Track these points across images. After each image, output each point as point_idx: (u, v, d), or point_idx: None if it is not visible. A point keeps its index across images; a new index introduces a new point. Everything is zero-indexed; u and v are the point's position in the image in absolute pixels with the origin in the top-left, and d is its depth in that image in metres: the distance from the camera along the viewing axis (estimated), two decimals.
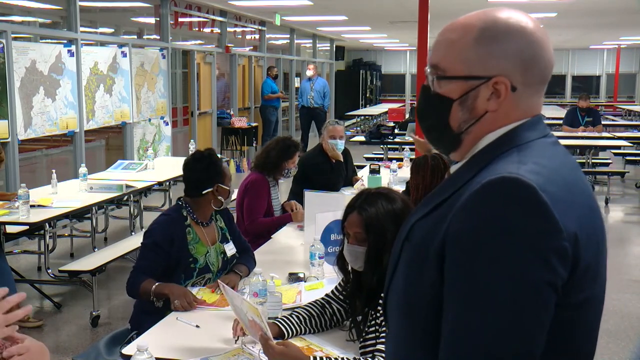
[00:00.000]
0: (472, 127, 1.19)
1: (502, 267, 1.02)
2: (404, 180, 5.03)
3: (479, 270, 1.04)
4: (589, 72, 24.32)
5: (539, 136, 1.17)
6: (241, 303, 2.15)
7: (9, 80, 6.03)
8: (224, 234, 3.22)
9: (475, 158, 1.19)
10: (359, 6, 10.60)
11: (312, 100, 12.81)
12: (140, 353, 1.91)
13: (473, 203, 1.07)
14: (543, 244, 1.03)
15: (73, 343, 4.31)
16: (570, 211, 1.07)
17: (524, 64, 1.16)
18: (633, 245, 7.17)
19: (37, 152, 11.30)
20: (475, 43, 1.16)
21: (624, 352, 4.09)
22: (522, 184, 1.05)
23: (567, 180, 1.11)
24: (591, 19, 12.19)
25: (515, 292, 1.02)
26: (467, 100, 1.18)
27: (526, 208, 1.04)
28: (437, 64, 1.21)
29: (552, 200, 1.04)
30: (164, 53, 9.09)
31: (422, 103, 1.26)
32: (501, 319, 1.02)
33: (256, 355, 2.22)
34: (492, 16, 1.18)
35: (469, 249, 1.05)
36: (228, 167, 3.31)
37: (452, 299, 1.07)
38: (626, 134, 11.66)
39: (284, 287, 2.89)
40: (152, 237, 3.01)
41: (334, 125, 5.40)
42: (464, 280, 1.05)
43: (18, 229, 4.96)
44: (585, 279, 1.09)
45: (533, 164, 1.09)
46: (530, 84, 1.17)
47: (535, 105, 1.20)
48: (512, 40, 1.15)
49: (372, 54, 24.73)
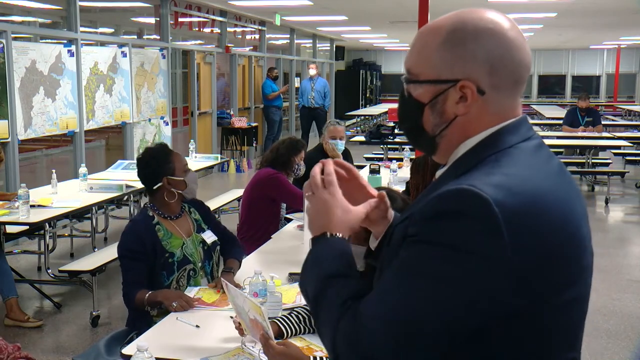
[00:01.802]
0: (445, 131, 1.19)
1: (439, 266, 1.06)
2: (404, 180, 5.03)
3: (419, 262, 1.08)
4: (589, 72, 24.32)
5: (520, 140, 1.16)
6: (243, 302, 2.15)
7: (9, 80, 6.03)
8: (199, 224, 3.21)
9: (455, 164, 1.19)
10: (359, 6, 10.60)
11: (312, 100, 12.81)
12: (140, 353, 1.91)
13: (427, 210, 1.09)
14: (483, 259, 1.04)
15: (73, 343, 4.31)
16: (533, 225, 1.06)
17: (491, 67, 1.14)
18: (633, 245, 7.17)
19: (37, 152, 11.30)
20: (442, 46, 1.16)
21: (624, 352, 4.09)
22: (475, 196, 1.05)
23: (538, 191, 1.10)
24: (591, 19, 12.19)
25: (438, 288, 1.05)
26: (437, 104, 1.18)
27: (474, 221, 1.05)
28: (409, 68, 1.22)
29: (508, 215, 1.04)
30: (164, 53, 9.10)
31: (399, 106, 1.27)
32: (417, 303, 1.06)
33: (256, 355, 2.22)
34: (461, 18, 1.18)
35: (416, 248, 1.09)
36: (181, 156, 3.25)
37: (390, 271, 1.12)
38: (626, 134, 11.66)
39: (284, 287, 2.89)
40: (125, 247, 3.03)
41: (335, 126, 5.42)
42: (405, 264, 1.10)
43: (18, 229, 4.97)
44: (555, 285, 1.10)
45: (501, 174, 1.09)
46: (501, 87, 1.16)
47: (510, 107, 1.18)
48: (479, 43, 1.14)
49: (372, 54, 24.73)
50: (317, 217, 1.28)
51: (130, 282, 2.96)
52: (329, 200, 1.27)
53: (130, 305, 2.99)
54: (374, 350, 1.08)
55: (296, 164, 4.54)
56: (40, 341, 4.33)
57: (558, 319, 1.12)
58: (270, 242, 3.87)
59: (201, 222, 3.23)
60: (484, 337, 1.08)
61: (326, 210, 1.27)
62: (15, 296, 4.52)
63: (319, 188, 1.28)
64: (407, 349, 1.07)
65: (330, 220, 1.26)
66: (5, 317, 4.49)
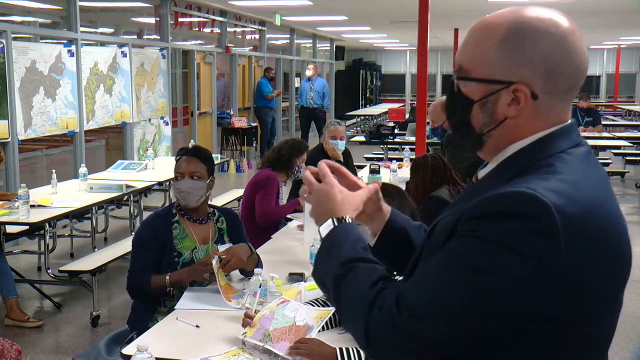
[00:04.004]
0: (493, 131, 1.17)
1: (492, 264, 1.04)
2: (404, 180, 5.03)
3: (471, 256, 1.07)
4: (589, 72, 23.74)
5: (571, 145, 1.14)
6: (296, 310, 2.30)
7: (9, 80, 6.03)
8: (222, 234, 3.18)
9: (504, 166, 1.17)
10: (359, 6, 10.60)
11: (311, 100, 12.80)
12: (140, 353, 1.91)
13: (478, 210, 1.08)
14: (537, 262, 1.03)
15: (73, 343, 4.30)
16: (589, 235, 1.06)
17: (547, 72, 1.12)
18: (633, 245, 7.10)
19: (37, 152, 11.31)
20: (499, 46, 1.13)
21: (624, 352, 4.09)
22: (537, 201, 1.04)
23: (594, 201, 1.09)
24: (591, 19, 12.19)
25: (486, 284, 1.05)
26: (487, 104, 1.16)
27: (533, 224, 1.03)
28: (461, 64, 1.19)
29: (566, 222, 1.03)
30: (164, 53, 9.09)
31: (447, 99, 1.26)
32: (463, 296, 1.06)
33: (256, 356, 2.23)
34: (520, 17, 1.14)
35: (469, 243, 1.07)
36: (181, 161, 3.15)
37: (436, 262, 1.11)
38: (626, 134, 11.65)
39: (284, 287, 2.89)
40: (138, 235, 3.07)
41: (335, 126, 5.43)
42: (455, 257, 1.09)
43: (18, 229, 4.97)
44: (599, 296, 1.10)
45: (558, 180, 1.07)
46: (555, 92, 1.14)
47: (561, 111, 1.16)
48: (538, 46, 1.11)
49: (372, 54, 24.72)
50: (321, 206, 1.28)
51: (139, 270, 2.97)
52: (326, 188, 1.28)
53: (139, 295, 2.99)
54: (415, 332, 1.08)
55: (297, 166, 4.54)
56: (40, 341, 4.33)
57: (595, 329, 1.13)
58: (270, 242, 3.87)
59: (225, 233, 3.18)
60: (521, 339, 1.08)
61: (327, 196, 1.28)
62: (15, 296, 4.52)
63: (314, 183, 1.30)
64: (446, 337, 1.08)
65: (334, 204, 1.26)
66: (5, 317, 4.49)
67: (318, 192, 1.29)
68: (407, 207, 2.45)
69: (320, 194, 1.29)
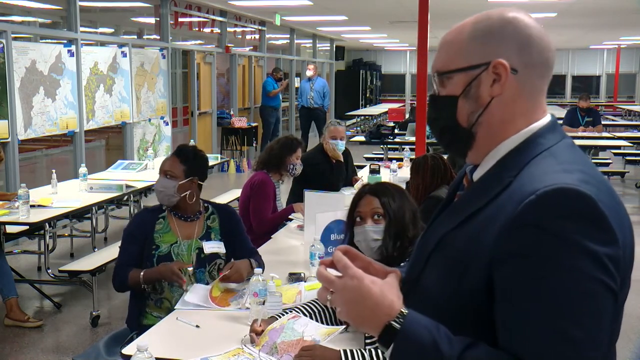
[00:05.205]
0: (482, 117, 1.19)
1: (570, 278, 1.03)
2: (404, 180, 5.03)
3: (549, 281, 1.04)
4: (589, 72, 24.32)
5: (559, 139, 1.18)
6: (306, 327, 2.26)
7: (9, 80, 6.03)
8: (209, 232, 3.13)
9: (503, 163, 1.18)
10: (359, 6, 10.60)
11: (311, 100, 12.80)
12: (140, 353, 1.91)
13: (533, 215, 1.06)
14: (605, 255, 1.04)
15: (73, 343, 4.31)
16: (618, 220, 1.08)
17: (519, 45, 1.17)
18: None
19: (37, 152, 11.31)
20: (470, 38, 1.20)
21: (624, 352, 4.09)
22: (581, 196, 1.05)
23: (610, 189, 1.12)
24: (591, 19, 12.19)
25: (582, 299, 1.04)
26: (471, 91, 1.19)
27: (588, 221, 1.04)
28: (439, 69, 1.23)
29: (607, 211, 1.05)
30: (164, 53, 9.10)
31: (430, 111, 1.28)
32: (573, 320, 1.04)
33: (256, 356, 2.22)
34: (484, 14, 1.22)
35: (535, 263, 1.04)
36: (166, 159, 3.19)
37: (521, 302, 1.05)
38: (626, 134, 11.66)
39: (284, 287, 2.89)
40: (127, 228, 3.11)
41: (336, 126, 5.42)
42: (535, 286, 1.04)
43: (18, 229, 4.97)
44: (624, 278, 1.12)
45: (579, 172, 1.09)
46: (532, 65, 1.18)
47: (541, 91, 1.20)
48: (505, 28, 1.18)
49: (372, 54, 24.73)
50: (356, 306, 1.08)
51: (124, 263, 3.01)
52: (354, 284, 1.07)
53: (121, 287, 3.03)
54: None
55: (291, 164, 4.50)
56: (40, 341, 4.33)
57: (620, 311, 1.18)
58: (270, 242, 3.87)
59: (214, 231, 3.13)
60: (614, 324, 1.14)
61: (359, 293, 1.07)
62: (15, 296, 4.52)
63: (335, 281, 1.09)
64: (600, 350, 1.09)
65: (374, 299, 1.07)
66: (5, 317, 4.49)
67: (345, 291, 1.08)
68: (407, 207, 2.45)
69: (349, 292, 1.07)
